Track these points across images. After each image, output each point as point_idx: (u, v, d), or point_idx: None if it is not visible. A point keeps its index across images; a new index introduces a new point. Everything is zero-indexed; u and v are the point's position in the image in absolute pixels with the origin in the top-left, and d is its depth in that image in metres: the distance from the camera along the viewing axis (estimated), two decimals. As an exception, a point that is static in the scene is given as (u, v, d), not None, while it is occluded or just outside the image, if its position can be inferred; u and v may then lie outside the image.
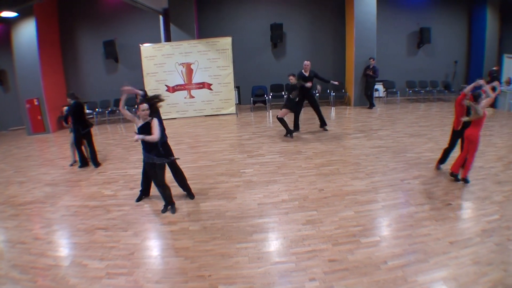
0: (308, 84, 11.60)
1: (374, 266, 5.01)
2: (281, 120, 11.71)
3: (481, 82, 7.50)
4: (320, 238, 5.83)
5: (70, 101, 10.48)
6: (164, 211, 7.36)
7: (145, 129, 6.90)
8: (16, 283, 5.53)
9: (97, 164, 10.77)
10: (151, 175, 7.34)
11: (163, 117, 14.86)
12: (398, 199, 7.01)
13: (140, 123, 7.05)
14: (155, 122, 6.93)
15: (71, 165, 11.02)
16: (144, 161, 7.40)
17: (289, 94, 11.62)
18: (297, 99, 11.71)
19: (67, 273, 5.61)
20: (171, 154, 7.66)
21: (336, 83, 12.44)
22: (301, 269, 5.09)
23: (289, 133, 11.95)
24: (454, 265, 4.97)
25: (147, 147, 6.98)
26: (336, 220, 6.37)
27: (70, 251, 6.36)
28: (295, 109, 12.01)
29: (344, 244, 5.59)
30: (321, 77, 12.22)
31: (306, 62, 12.18)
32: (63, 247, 6.56)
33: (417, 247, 5.41)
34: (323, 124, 12.60)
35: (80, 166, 10.78)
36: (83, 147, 10.94)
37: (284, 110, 11.63)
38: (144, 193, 8.16)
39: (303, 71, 12.09)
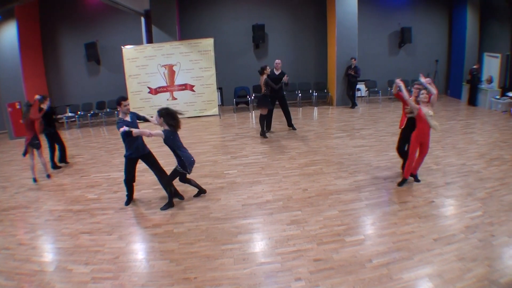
0: (285, 79, 11.69)
1: (359, 265, 5.04)
2: (263, 118, 11.79)
3: (421, 79, 7.41)
4: (305, 238, 5.85)
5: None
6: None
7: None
8: None
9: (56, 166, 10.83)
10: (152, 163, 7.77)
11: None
12: (381, 198, 7.07)
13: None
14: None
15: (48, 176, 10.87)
16: (135, 156, 7.60)
17: (264, 92, 11.68)
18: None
19: (52, 279, 5.56)
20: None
21: (285, 80, 12.23)
22: (287, 269, 5.10)
23: (263, 134, 12.03)
24: (439, 261, 5.02)
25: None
26: (321, 219, 6.40)
27: (55, 256, 6.30)
28: (270, 107, 12.03)
29: (329, 243, 5.62)
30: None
31: (277, 61, 12.25)
32: (47, 252, 6.51)
33: (401, 244, 5.45)
34: (290, 124, 12.73)
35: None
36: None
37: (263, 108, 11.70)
38: (131, 196, 8.12)
39: (274, 69, 12.10)
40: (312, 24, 17.80)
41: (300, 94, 17.09)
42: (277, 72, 12.04)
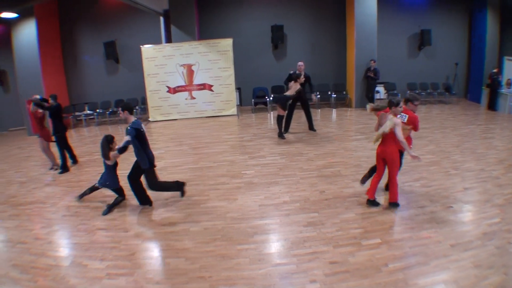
0: (301, 79, 11.64)
1: (375, 269, 5.01)
2: (280, 119, 11.82)
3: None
4: (321, 240, 5.83)
5: (53, 102, 10.49)
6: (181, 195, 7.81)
7: None
8: (16, 282, 5.54)
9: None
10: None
11: (165, 118, 14.96)
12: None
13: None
14: None
15: (51, 168, 10.96)
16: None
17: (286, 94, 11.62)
18: (290, 100, 11.75)
19: (67, 273, 5.62)
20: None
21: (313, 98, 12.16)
22: (302, 271, 5.09)
23: (281, 135, 12.05)
24: (455, 268, 4.96)
25: None
26: (337, 222, 6.37)
27: (71, 251, 6.37)
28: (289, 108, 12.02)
29: (345, 246, 5.59)
30: (311, 83, 12.27)
31: (300, 63, 12.20)
32: (63, 247, 6.58)
33: (418, 249, 5.40)
34: (311, 127, 12.70)
35: (61, 172, 10.67)
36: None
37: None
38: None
39: (296, 71, 12.00)
40: (331, 25, 17.73)
41: (318, 96, 17.01)
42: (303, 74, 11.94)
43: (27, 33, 16.41)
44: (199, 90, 16.60)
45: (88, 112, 18.14)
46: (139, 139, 7.22)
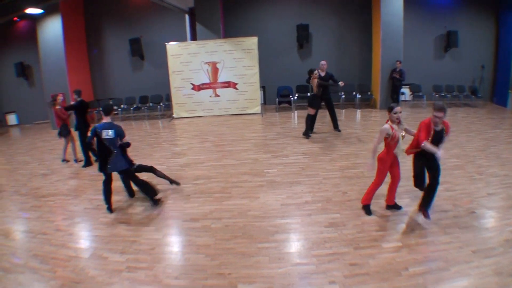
0: (341, 83, 11.71)
1: (395, 272, 4.98)
2: (310, 118, 11.85)
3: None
4: (342, 241, 5.82)
5: (77, 98, 10.62)
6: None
7: None
8: (35, 272, 5.66)
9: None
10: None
11: (189, 115, 15.06)
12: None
13: None
14: None
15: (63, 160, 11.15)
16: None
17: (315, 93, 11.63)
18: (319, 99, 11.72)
19: (87, 265, 5.74)
20: None
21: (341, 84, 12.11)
22: (322, 272, 5.09)
23: (306, 133, 12.05)
24: (476, 274, 4.90)
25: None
26: (359, 223, 6.34)
27: (91, 243, 6.50)
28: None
29: (365, 248, 5.58)
30: (335, 79, 12.08)
31: (323, 62, 12.09)
32: (84, 239, 6.71)
33: (439, 254, 5.35)
34: (336, 127, 12.65)
35: (84, 166, 10.84)
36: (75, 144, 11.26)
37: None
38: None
39: (319, 70, 11.92)
40: (357, 25, 17.63)
41: (343, 96, 16.91)
42: (322, 74, 11.87)
43: (52, 29, 16.68)
44: (224, 88, 16.67)
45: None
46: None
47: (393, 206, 6.96)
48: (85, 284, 5.24)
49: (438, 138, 6.16)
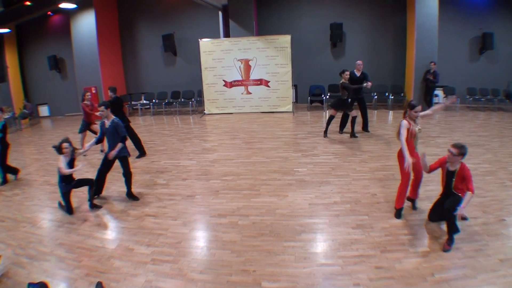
0: (368, 84, 11.61)
1: (420, 278, 4.88)
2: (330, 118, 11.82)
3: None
4: (369, 243, 5.74)
5: (112, 94, 10.77)
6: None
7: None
8: (61, 261, 5.76)
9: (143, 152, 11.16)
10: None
11: (220, 111, 15.15)
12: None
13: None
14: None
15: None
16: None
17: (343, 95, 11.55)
18: (349, 100, 11.65)
19: (112, 256, 5.81)
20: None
21: (368, 86, 11.97)
22: (347, 273, 5.03)
23: (325, 134, 12.05)
24: (502, 284, 4.76)
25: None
26: (387, 226, 6.25)
27: (118, 234, 6.59)
28: (344, 109, 11.90)
29: (392, 252, 5.48)
30: (368, 80, 11.97)
31: (359, 62, 12.02)
32: (111, 230, 6.81)
33: (466, 262, 5.21)
34: (366, 128, 12.54)
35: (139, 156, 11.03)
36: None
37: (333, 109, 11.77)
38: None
39: (355, 70, 11.90)
40: (391, 25, 17.41)
41: (376, 97, 16.76)
42: (358, 74, 11.84)
43: (86, 24, 17.05)
44: (256, 85, 16.70)
45: (144, 102, 18.65)
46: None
47: (412, 200, 6.97)
48: (109, 274, 5.30)
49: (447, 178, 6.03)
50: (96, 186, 7.92)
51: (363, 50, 17.73)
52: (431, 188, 7.64)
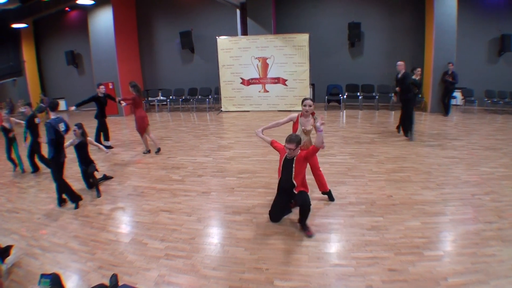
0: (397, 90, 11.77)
1: (433, 281, 4.84)
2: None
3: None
4: (383, 245, 5.71)
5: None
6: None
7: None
8: (74, 253, 5.85)
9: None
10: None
11: (237, 109, 15.15)
12: (466, 214, 6.70)
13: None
14: None
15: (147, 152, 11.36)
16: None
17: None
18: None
19: (126, 249, 5.88)
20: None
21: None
22: (360, 275, 5.02)
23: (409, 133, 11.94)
24: (515, 290, 4.75)
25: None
26: (402, 229, 6.21)
27: (132, 229, 6.66)
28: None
29: (406, 254, 5.45)
30: (407, 82, 11.85)
31: (400, 63, 11.98)
32: (125, 225, 6.90)
33: (479, 266, 5.14)
34: (399, 129, 12.40)
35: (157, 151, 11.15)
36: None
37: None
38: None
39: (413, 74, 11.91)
40: (410, 25, 17.22)
41: (393, 97, 16.61)
42: (399, 75, 11.87)
43: (103, 20, 17.21)
44: (273, 83, 16.73)
45: (161, 98, 18.77)
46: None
47: (326, 193, 7.48)
48: (122, 268, 5.37)
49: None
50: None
51: (381, 50, 17.58)
52: (447, 191, 7.61)
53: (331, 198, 7.43)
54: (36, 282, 4.14)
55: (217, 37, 16.82)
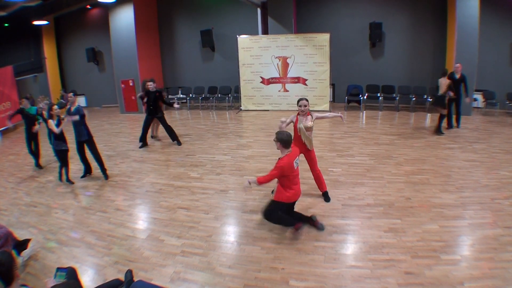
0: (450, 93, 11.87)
1: (450, 286, 4.82)
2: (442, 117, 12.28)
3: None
4: (400, 248, 5.70)
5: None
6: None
7: None
8: (91, 247, 5.98)
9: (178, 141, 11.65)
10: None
11: (256, 108, 15.16)
12: (485, 219, 6.63)
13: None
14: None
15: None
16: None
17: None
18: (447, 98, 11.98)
19: (142, 245, 5.99)
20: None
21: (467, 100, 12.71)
22: (376, 277, 5.02)
23: (438, 130, 12.31)
24: (533, 296, 4.69)
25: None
26: (419, 232, 6.18)
27: (149, 225, 6.78)
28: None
29: (423, 258, 5.43)
30: (466, 84, 12.46)
31: (457, 65, 12.34)
32: (142, 221, 7.02)
33: (497, 272, 5.10)
34: (441, 130, 12.57)
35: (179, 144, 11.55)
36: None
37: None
38: (88, 171, 9.27)
39: (454, 73, 12.28)
40: (431, 26, 17.00)
41: (414, 98, 16.46)
42: (457, 76, 12.17)
43: (124, 18, 17.38)
44: (293, 83, 16.72)
45: (181, 96, 18.83)
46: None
47: (323, 193, 7.63)
48: (138, 264, 5.46)
49: None
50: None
51: (403, 50, 17.38)
52: (466, 195, 7.56)
53: (326, 199, 7.51)
54: (52, 275, 4.19)
55: (237, 36, 16.85)
